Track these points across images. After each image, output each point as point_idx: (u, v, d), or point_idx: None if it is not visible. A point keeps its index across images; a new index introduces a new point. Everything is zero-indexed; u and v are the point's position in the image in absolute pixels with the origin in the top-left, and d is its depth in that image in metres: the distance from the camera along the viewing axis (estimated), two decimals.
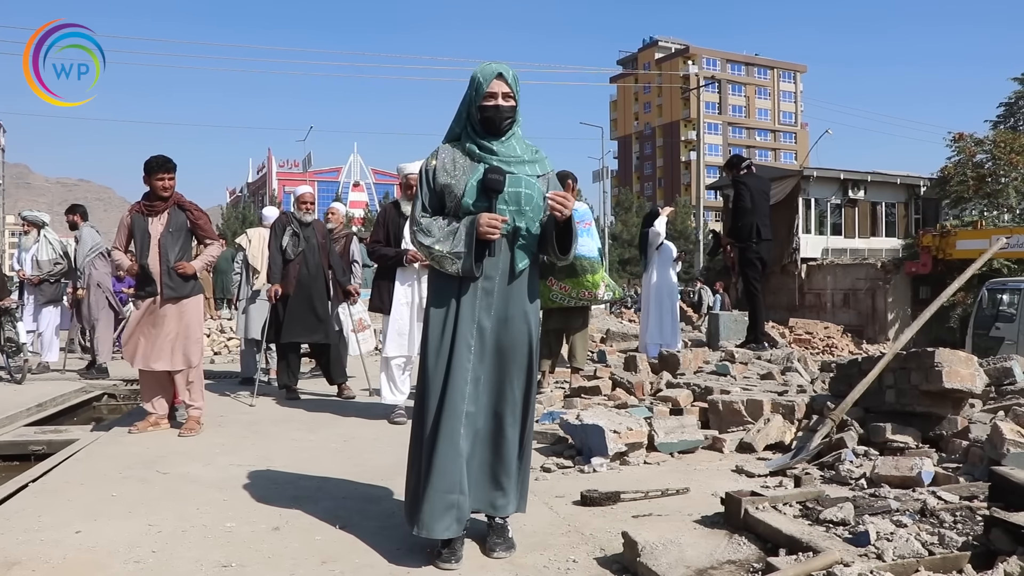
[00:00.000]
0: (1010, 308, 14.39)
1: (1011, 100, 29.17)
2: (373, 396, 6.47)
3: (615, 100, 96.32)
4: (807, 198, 24.59)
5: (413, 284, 5.32)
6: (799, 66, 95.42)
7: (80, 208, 8.62)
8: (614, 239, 43.79)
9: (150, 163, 5.12)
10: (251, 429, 5.28)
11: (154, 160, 5.12)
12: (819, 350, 16.34)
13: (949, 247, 20.39)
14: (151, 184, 5.13)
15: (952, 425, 3.96)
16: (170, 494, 3.64)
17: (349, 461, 4.30)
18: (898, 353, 4.23)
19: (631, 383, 5.76)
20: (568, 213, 2.70)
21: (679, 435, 4.28)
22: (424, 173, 2.84)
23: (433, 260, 2.75)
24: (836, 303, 22.90)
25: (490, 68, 2.78)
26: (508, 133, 2.80)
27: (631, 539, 2.57)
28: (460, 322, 2.73)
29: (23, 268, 8.44)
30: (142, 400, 5.38)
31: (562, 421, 4.49)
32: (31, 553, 2.84)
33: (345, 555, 2.80)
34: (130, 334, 5.16)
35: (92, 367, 8.16)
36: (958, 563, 2.36)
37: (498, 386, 2.76)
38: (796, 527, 2.58)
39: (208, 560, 2.75)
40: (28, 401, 6.44)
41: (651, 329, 8.20)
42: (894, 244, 25.41)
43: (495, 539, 2.78)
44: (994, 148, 23.30)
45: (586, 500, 3.33)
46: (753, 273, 7.97)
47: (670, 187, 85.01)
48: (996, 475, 2.78)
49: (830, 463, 3.85)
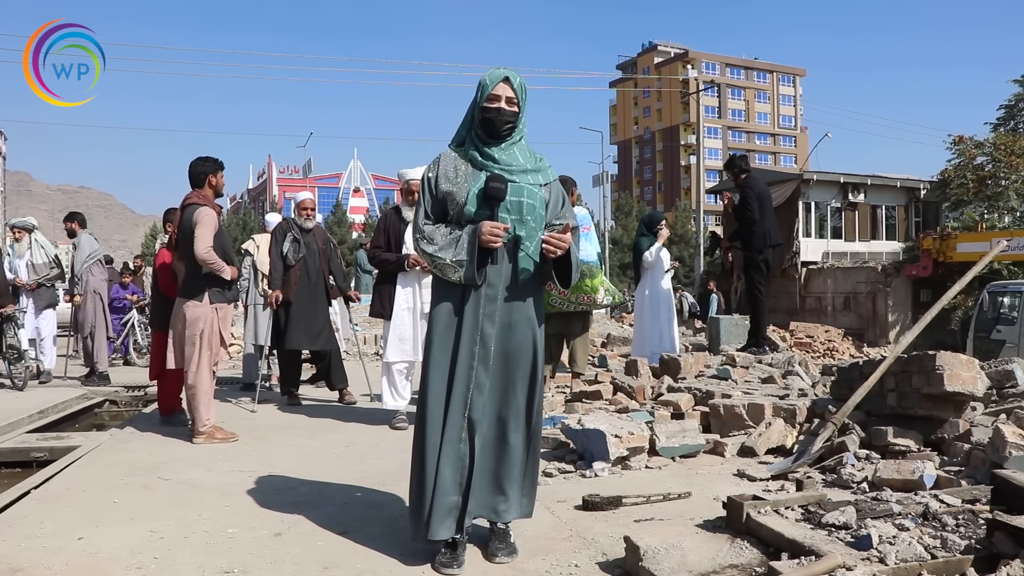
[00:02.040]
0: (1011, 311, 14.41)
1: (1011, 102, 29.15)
2: (375, 402, 6.47)
3: (614, 104, 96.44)
4: (807, 202, 24.61)
5: (414, 289, 5.32)
6: (798, 70, 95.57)
7: (78, 215, 8.65)
8: (614, 243, 43.81)
9: (216, 161, 5.26)
10: (253, 435, 5.28)
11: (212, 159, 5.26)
12: (820, 354, 16.31)
13: (949, 250, 20.41)
14: (217, 183, 5.25)
15: (954, 428, 3.96)
16: (172, 500, 3.65)
17: (351, 467, 4.30)
18: (899, 356, 4.23)
19: (632, 387, 5.76)
20: (558, 253, 2.73)
21: (680, 439, 4.27)
22: (426, 181, 2.85)
23: (436, 268, 2.76)
24: (837, 306, 22.89)
25: (497, 72, 2.79)
26: (510, 140, 2.81)
27: (633, 543, 2.56)
28: (463, 329, 2.73)
29: (18, 275, 8.45)
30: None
31: (563, 426, 4.49)
32: (33, 560, 2.84)
33: (347, 560, 2.80)
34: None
35: (93, 375, 8.16)
36: (961, 567, 2.35)
37: (502, 392, 2.76)
38: (798, 531, 2.58)
39: (210, 566, 2.75)
40: (30, 408, 6.44)
41: (648, 337, 8.09)
42: (894, 247, 25.42)
43: (497, 544, 2.78)
44: (994, 150, 23.31)
45: (588, 505, 3.33)
46: (758, 277, 7.96)
47: (670, 191, 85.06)
48: (998, 478, 2.77)
49: (832, 467, 3.84)
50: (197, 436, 5.05)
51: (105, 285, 8.50)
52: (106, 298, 8.56)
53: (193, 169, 5.24)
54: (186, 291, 5.11)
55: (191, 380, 5.08)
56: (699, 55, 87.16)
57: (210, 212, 5.10)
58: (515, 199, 2.74)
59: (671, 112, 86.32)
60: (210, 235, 5.01)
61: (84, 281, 8.17)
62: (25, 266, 8.50)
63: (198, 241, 4.95)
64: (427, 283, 5.17)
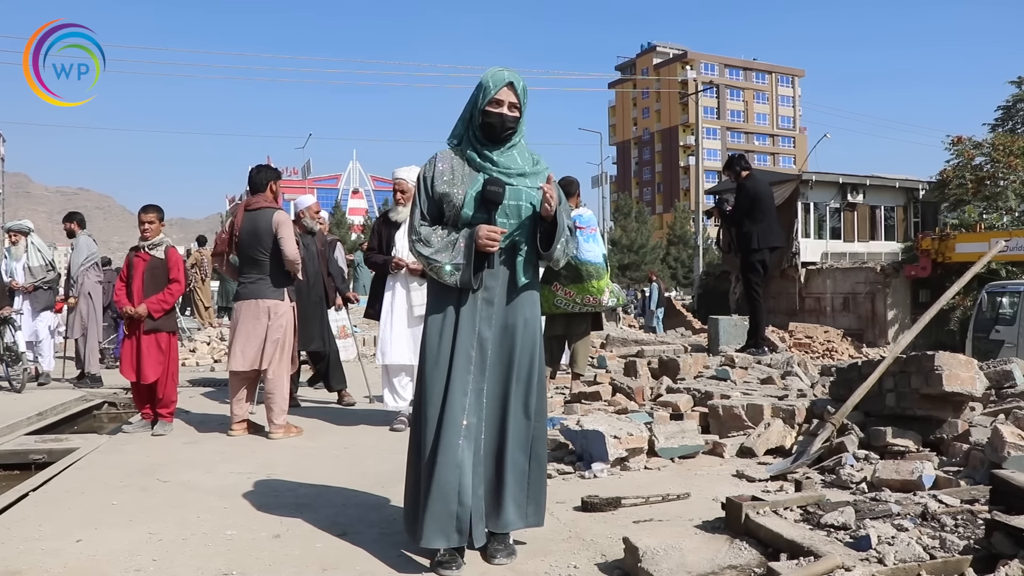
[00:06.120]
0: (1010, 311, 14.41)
1: (1009, 103, 29.22)
2: (374, 403, 6.47)
3: (613, 105, 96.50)
4: (806, 202, 24.63)
5: (403, 291, 5.32)
6: (797, 70, 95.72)
7: (78, 216, 8.63)
8: (613, 244, 43.80)
9: (276, 170, 5.62)
10: (251, 436, 5.27)
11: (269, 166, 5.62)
12: (819, 354, 16.32)
13: (948, 250, 20.44)
14: (277, 190, 5.53)
15: (952, 429, 3.96)
16: (171, 502, 3.64)
17: (350, 468, 4.30)
18: (898, 357, 4.23)
19: (631, 388, 5.76)
20: (550, 211, 2.68)
21: (679, 440, 4.27)
22: (422, 181, 2.83)
23: (431, 270, 2.74)
24: (836, 307, 22.91)
25: (501, 75, 2.75)
26: (510, 144, 2.79)
27: (632, 545, 2.56)
28: (460, 333, 2.71)
29: (14, 278, 8.45)
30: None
31: (562, 427, 4.48)
32: (32, 562, 2.83)
33: (346, 562, 2.79)
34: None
35: (84, 377, 8.16)
36: (959, 567, 2.35)
37: (501, 398, 2.73)
38: (797, 532, 2.58)
39: (209, 568, 2.75)
40: (28, 410, 6.43)
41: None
42: (893, 248, 25.45)
43: (496, 546, 2.76)
44: (992, 151, 23.37)
45: (587, 506, 3.33)
46: (755, 279, 7.98)
47: (669, 192, 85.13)
48: (997, 478, 2.77)
49: (831, 467, 3.85)
50: (275, 431, 5.19)
51: (100, 288, 8.49)
52: (100, 300, 8.54)
53: (257, 176, 5.49)
54: (265, 292, 5.27)
55: (273, 376, 5.22)
56: (698, 56, 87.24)
57: (289, 217, 5.47)
58: (513, 203, 2.72)
59: (670, 113, 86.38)
60: (294, 239, 5.36)
61: (79, 283, 8.16)
62: (22, 269, 8.50)
63: (287, 244, 5.24)
64: (416, 285, 5.21)
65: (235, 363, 5.22)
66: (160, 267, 5.52)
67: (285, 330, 5.30)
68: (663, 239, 52.18)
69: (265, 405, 5.29)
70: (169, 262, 5.55)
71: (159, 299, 5.45)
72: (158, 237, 5.60)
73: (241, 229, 5.30)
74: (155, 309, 5.42)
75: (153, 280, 5.48)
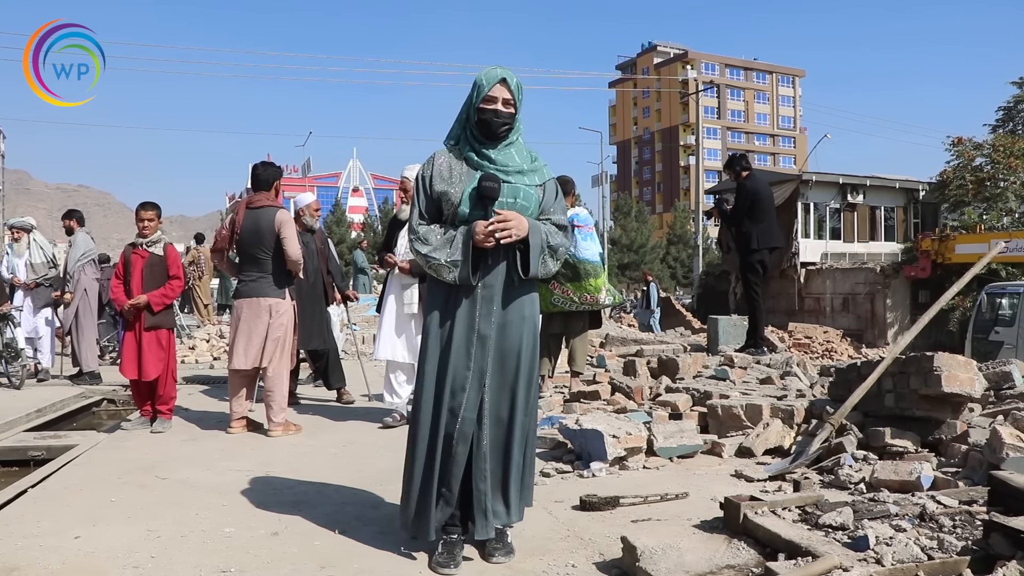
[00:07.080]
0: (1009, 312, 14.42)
1: (1010, 104, 29.26)
2: (373, 401, 6.47)
3: (614, 105, 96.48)
4: (806, 202, 24.63)
5: (400, 289, 5.36)
6: (798, 71, 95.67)
7: (76, 213, 8.64)
8: (613, 244, 43.80)
9: (279, 168, 5.68)
10: (250, 434, 5.27)
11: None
12: (818, 354, 16.34)
13: (948, 251, 20.44)
14: (279, 188, 5.56)
15: (951, 429, 3.96)
16: (169, 499, 3.64)
17: (348, 466, 4.30)
18: (897, 357, 4.23)
19: (630, 388, 5.76)
20: (490, 242, 2.64)
21: (678, 440, 4.28)
22: (420, 180, 2.84)
23: (430, 268, 2.75)
24: (835, 307, 22.92)
25: (494, 72, 2.75)
26: (506, 141, 2.79)
27: (630, 544, 2.57)
28: (459, 329, 2.72)
29: (16, 275, 8.45)
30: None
31: (561, 426, 4.49)
32: (30, 558, 2.83)
33: (344, 560, 2.80)
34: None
35: (81, 374, 8.16)
36: (957, 567, 2.35)
37: (498, 393, 2.74)
38: (795, 532, 2.58)
39: (207, 565, 2.75)
40: (28, 407, 6.43)
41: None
42: (893, 248, 25.45)
43: (494, 544, 2.77)
44: (993, 152, 23.37)
45: (585, 505, 3.33)
46: (754, 279, 7.98)
47: (669, 192, 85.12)
48: (995, 479, 2.78)
49: (829, 467, 3.85)
50: (274, 429, 5.20)
51: (96, 285, 8.48)
52: (95, 298, 8.53)
53: (262, 173, 5.48)
54: (266, 290, 5.27)
55: (273, 374, 5.22)
56: (698, 55, 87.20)
57: (291, 217, 5.48)
58: (510, 200, 2.73)
59: (670, 113, 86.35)
60: (297, 238, 5.37)
61: (76, 280, 8.17)
62: (24, 265, 8.51)
63: (290, 244, 5.25)
64: (407, 284, 5.24)
65: (236, 362, 5.22)
66: (159, 264, 5.53)
67: (286, 328, 5.31)
68: (663, 239, 52.20)
69: (264, 403, 5.29)
70: (168, 259, 5.56)
71: (160, 293, 5.46)
72: (156, 234, 5.61)
73: (243, 227, 5.30)
74: (156, 302, 5.42)
75: (152, 277, 5.48)
